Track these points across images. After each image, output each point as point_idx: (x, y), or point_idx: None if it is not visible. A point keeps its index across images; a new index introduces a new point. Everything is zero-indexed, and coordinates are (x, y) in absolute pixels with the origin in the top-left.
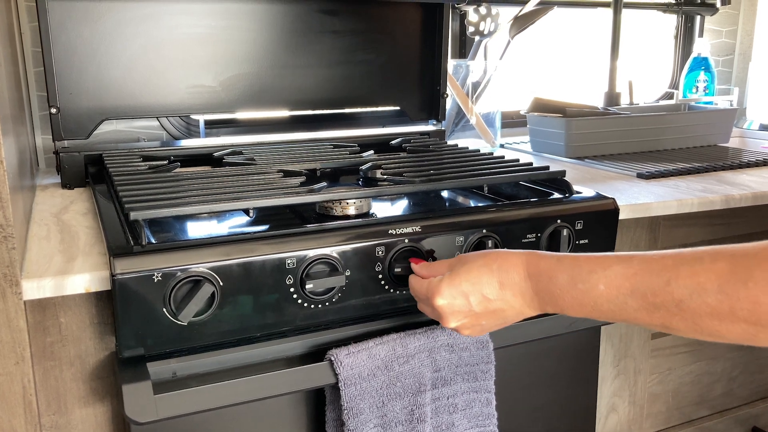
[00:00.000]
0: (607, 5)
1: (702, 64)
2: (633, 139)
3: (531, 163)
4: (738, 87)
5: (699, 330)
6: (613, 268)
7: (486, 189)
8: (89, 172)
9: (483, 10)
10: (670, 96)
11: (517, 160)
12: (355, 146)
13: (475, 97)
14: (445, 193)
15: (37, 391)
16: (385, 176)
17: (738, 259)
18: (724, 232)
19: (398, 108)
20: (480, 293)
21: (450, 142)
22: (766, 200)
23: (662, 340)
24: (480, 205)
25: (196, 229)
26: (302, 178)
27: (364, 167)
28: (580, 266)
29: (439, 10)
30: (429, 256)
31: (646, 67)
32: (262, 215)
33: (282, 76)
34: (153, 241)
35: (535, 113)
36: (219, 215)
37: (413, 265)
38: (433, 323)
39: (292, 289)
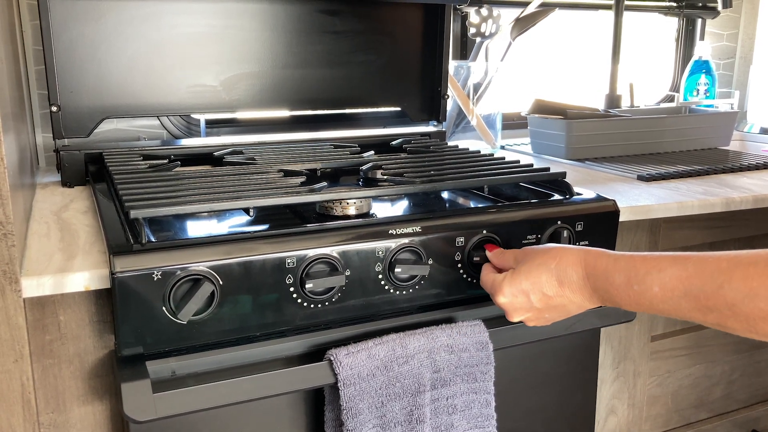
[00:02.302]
0: (608, 8)
1: (703, 67)
2: (634, 142)
3: (531, 165)
4: (739, 90)
5: (755, 331)
6: (667, 271)
7: (486, 190)
8: (89, 171)
9: (484, 11)
10: (671, 99)
11: (518, 162)
12: (355, 146)
13: (475, 98)
14: (445, 194)
15: (35, 389)
16: (385, 176)
17: None
18: (725, 234)
19: (399, 109)
20: (540, 291)
21: (450, 143)
22: (767, 203)
23: (662, 343)
24: (480, 205)
25: (196, 228)
26: (303, 178)
27: (364, 167)
28: (636, 267)
29: (441, 11)
30: (503, 244)
31: (647, 69)
32: (262, 215)
33: (283, 76)
34: (153, 240)
35: (536, 115)
36: (219, 214)
37: (488, 252)
38: (432, 324)
39: (291, 289)
